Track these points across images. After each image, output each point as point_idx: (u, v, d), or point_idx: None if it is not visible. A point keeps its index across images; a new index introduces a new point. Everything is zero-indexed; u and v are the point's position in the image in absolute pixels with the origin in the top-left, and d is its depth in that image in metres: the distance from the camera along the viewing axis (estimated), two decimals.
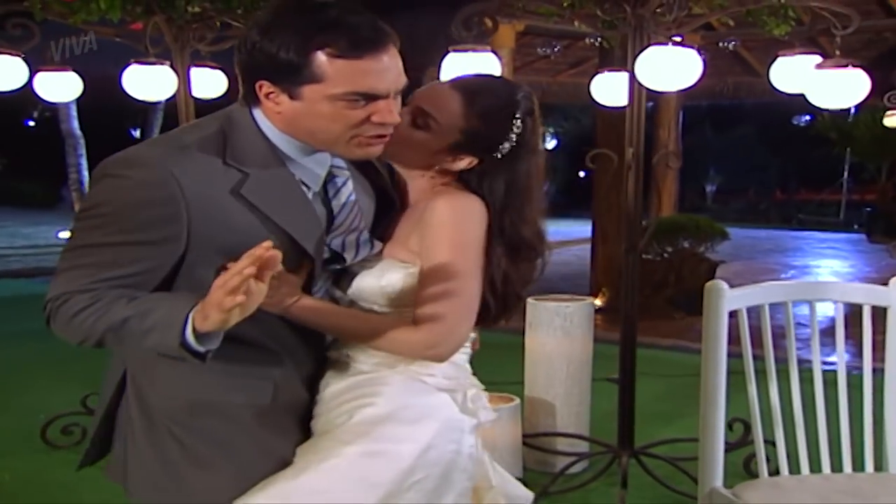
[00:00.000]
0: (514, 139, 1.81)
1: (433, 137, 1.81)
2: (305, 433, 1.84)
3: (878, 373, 2.64)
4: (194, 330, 1.52)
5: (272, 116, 1.70)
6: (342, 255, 1.81)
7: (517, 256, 1.84)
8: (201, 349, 1.55)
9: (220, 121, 1.73)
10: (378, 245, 1.86)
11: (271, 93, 1.65)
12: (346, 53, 1.59)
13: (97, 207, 1.64)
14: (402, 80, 1.69)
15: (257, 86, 1.66)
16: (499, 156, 1.82)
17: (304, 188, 1.77)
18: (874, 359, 2.63)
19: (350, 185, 1.84)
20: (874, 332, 2.63)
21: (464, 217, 1.78)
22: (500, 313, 1.87)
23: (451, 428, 1.82)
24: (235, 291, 1.43)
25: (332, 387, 1.85)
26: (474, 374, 1.95)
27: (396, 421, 1.77)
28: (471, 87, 1.84)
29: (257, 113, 1.72)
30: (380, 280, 1.81)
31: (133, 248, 1.62)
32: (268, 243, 1.45)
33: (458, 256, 1.76)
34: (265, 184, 1.69)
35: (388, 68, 1.64)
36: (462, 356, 1.91)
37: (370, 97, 1.64)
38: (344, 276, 1.86)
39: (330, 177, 1.80)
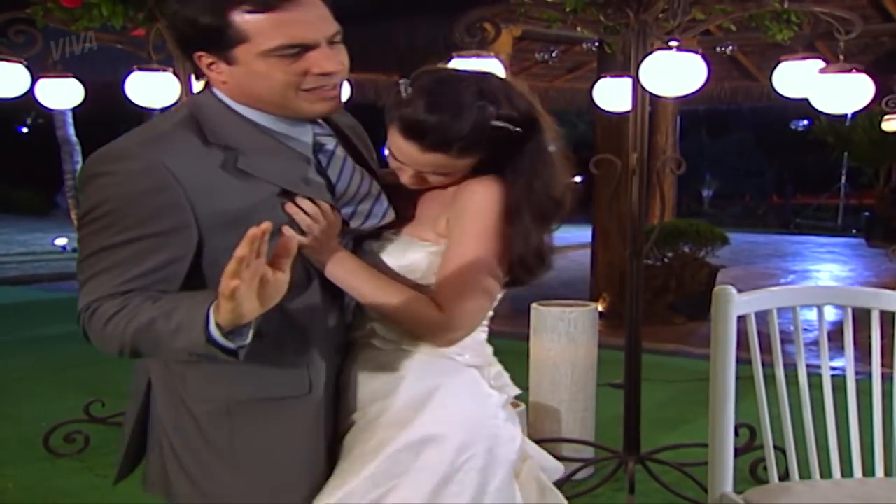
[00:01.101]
0: (508, 125, 1.77)
1: (452, 169, 1.81)
2: (341, 418, 1.85)
3: (887, 378, 2.64)
4: (219, 325, 1.46)
5: (222, 88, 1.68)
6: (349, 222, 1.79)
7: (546, 219, 1.83)
8: (231, 345, 1.49)
9: (188, 107, 1.71)
10: (391, 211, 1.85)
11: (211, 63, 1.64)
12: (262, 7, 1.57)
13: (95, 210, 1.60)
14: (332, 28, 1.65)
15: (196, 58, 1.64)
16: (513, 138, 1.79)
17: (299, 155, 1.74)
18: (882, 364, 2.63)
19: (341, 149, 1.81)
20: (881, 337, 2.63)
21: (495, 204, 1.78)
22: (532, 275, 1.86)
23: (487, 404, 1.84)
24: (234, 275, 1.38)
25: (361, 368, 1.86)
26: None
27: (434, 403, 1.78)
28: (438, 139, 1.75)
29: (216, 91, 1.70)
30: (401, 259, 1.82)
31: (145, 241, 1.58)
32: (266, 224, 1.39)
33: (488, 244, 1.77)
34: (255, 153, 1.66)
35: (310, 17, 1.62)
36: (482, 334, 1.92)
37: (301, 47, 1.61)
38: (365, 254, 1.85)
39: (318, 145, 1.78)
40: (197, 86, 4.26)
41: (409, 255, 1.82)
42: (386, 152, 1.85)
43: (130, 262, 1.58)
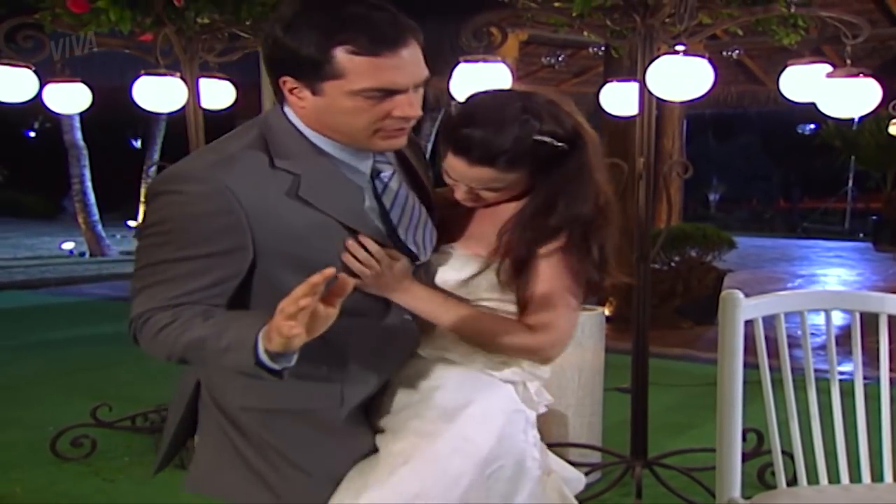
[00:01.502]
0: (551, 140, 1.84)
1: (510, 183, 1.88)
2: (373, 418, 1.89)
3: (895, 383, 2.63)
4: (267, 349, 1.52)
5: (298, 112, 1.73)
6: (415, 253, 1.85)
7: (595, 233, 1.89)
8: (277, 367, 1.55)
9: (259, 126, 1.76)
10: (435, 235, 1.92)
11: (294, 88, 1.68)
12: (366, 51, 1.61)
13: (159, 225, 1.66)
14: (423, 73, 1.70)
15: (281, 81, 1.69)
16: (560, 154, 1.86)
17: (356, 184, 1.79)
18: (890, 368, 2.62)
19: (397, 178, 1.86)
20: (889, 342, 2.62)
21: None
22: (597, 287, 1.94)
23: (517, 419, 1.90)
24: (293, 318, 1.43)
25: (400, 373, 1.92)
26: None
27: (466, 416, 1.83)
28: (485, 153, 1.83)
29: (291, 113, 1.75)
30: (460, 273, 1.89)
31: (202, 261, 1.64)
32: (329, 270, 1.45)
33: (564, 262, 1.85)
34: (317, 181, 1.71)
35: (406, 63, 1.65)
36: None
37: (390, 92, 1.65)
38: (421, 272, 1.90)
39: (375, 172, 1.82)
40: (204, 91, 4.29)
41: (467, 270, 1.89)
42: (443, 171, 1.93)
43: (186, 278, 1.64)
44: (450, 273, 1.90)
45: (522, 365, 1.96)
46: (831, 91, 3.64)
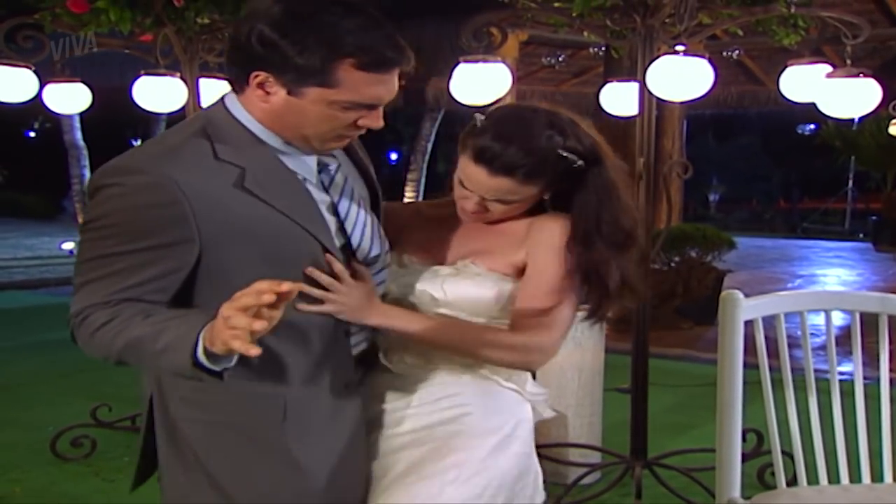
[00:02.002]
0: (572, 156, 1.87)
1: (522, 198, 1.91)
2: (329, 439, 1.84)
3: (895, 383, 2.63)
4: (206, 350, 1.49)
5: (254, 106, 1.69)
6: (359, 249, 1.83)
7: (622, 249, 1.91)
8: (216, 368, 1.52)
9: (201, 121, 1.73)
10: (386, 241, 1.92)
11: (266, 83, 1.64)
12: (368, 68, 1.61)
13: (100, 219, 1.62)
14: (395, 91, 1.72)
15: (253, 74, 1.64)
16: (575, 172, 1.89)
17: (302, 179, 1.77)
18: (890, 369, 2.62)
19: (343, 171, 1.85)
20: (889, 342, 2.62)
21: (567, 238, 1.89)
22: (621, 303, 1.98)
23: (530, 428, 1.97)
24: (236, 328, 1.41)
25: (407, 394, 1.93)
26: None
27: (490, 431, 1.88)
28: (508, 164, 1.85)
29: (234, 105, 1.71)
30: (491, 291, 1.90)
31: (144, 253, 1.60)
32: (285, 285, 1.43)
33: (563, 276, 1.87)
34: (262, 174, 1.68)
35: (392, 82, 1.68)
36: None
37: (370, 107, 1.67)
38: (446, 290, 1.91)
39: (322, 165, 1.81)
40: (204, 91, 4.29)
41: (500, 287, 1.90)
42: (454, 182, 1.94)
43: (127, 272, 1.60)
44: (473, 290, 1.90)
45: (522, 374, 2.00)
46: (831, 91, 3.64)
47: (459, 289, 1.89)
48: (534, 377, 2.06)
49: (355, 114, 1.67)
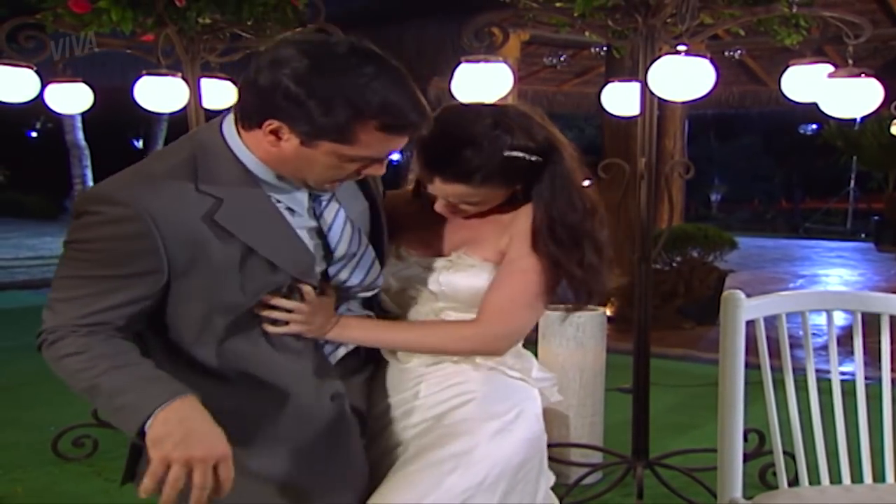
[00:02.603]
0: (523, 154, 1.87)
1: (486, 197, 1.91)
2: (298, 444, 1.84)
3: None
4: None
5: (258, 147, 1.68)
6: (345, 284, 1.86)
7: (578, 239, 1.92)
8: None
9: (191, 145, 1.74)
10: (376, 268, 1.92)
11: (279, 131, 1.62)
12: (389, 131, 1.62)
13: (79, 243, 1.70)
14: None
15: (267, 122, 1.62)
16: (534, 166, 1.89)
17: (289, 213, 1.77)
18: (892, 369, 2.61)
19: (335, 203, 1.83)
20: (890, 342, 2.62)
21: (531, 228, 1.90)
22: (588, 295, 1.98)
23: (541, 417, 1.98)
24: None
25: (414, 386, 1.95)
26: None
27: (491, 417, 1.88)
28: (456, 172, 1.86)
29: (232, 136, 1.71)
30: (486, 281, 1.91)
31: (116, 280, 1.67)
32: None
33: (531, 264, 1.88)
34: (240, 209, 1.69)
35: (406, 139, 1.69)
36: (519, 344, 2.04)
37: (379, 160, 1.69)
38: (443, 282, 1.93)
39: (314, 196, 1.81)
40: (205, 91, 4.29)
41: (491, 277, 1.92)
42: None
43: (99, 297, 1.67)
44: (469, 280, 1.92)
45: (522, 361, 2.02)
46: (833, 91, 3.63)
47: (455, 281, 1.90)
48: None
49: (362, 165, 1.69)
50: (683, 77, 3.46)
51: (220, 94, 4.62)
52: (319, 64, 1.57)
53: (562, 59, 9.83)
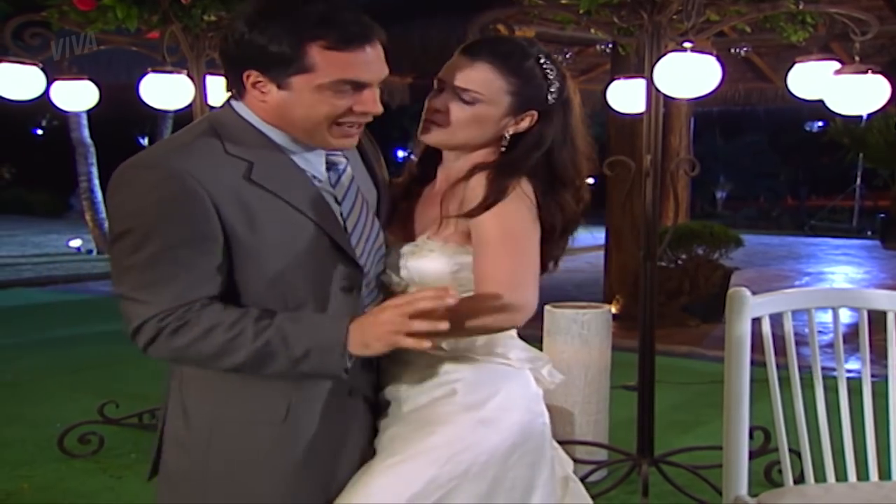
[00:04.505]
0: (555, 86, 1.89)
1: (487, 108, 1.87)
2: (329, 441, 1.83)
3: None
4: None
5: (256, 107, 1.74)
6: (357, 255, 1.83)
7: (568, 188, 1.91)
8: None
9: (209, 120, 1.78)
10: (384, 250, 1.91)
11: (259, 82, 1.70)
12: (337, 46, 1.65)
13: (127, 221, 1.65)
14: (385, 72, 1.74)
15: (245, 75, 1.70)
16: (549, 104, 1.90)
17: (310, 176, 1.80)
18: None
19: (349, 172, 1.87)
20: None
21: (518, 196, 1.84)
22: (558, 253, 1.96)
23: (537, 404, 1.93)
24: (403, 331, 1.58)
25: (413, 369, 1.91)
26: None
27: (492, 407, 1.85)
28: (494, 51, 1.88)
29: (240, 107, 1.76)
30: (447, 265, 1.86)
31: (184, 248, 1.64)
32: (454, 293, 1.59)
33: (512, 223, 1.82)
34: (270, 169, 1.73)
35: (372, 60, 1.71)
36: (513, 331, 1.99)
37: (356, 85, 1.70)
38: (407, 269, 1.89)
39: (331, 164, 1.84)
40: (211, 88, 4.29)
41: (457, 259, 1.86)
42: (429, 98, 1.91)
43: (179, 271, 1.64)
44: (433, 264, 1.86)
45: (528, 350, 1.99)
46: (839, 88, 3.62)
47: (419, 266, 1.86)
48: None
49: (347, 99, 1.70)
50: (689, 74, 3.46)
51: (225, 91, 4.62)
52: (261, 5, 1.68)
53: (567, 56, 9.82)
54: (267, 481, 1.77)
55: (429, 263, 1.87)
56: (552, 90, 1.89)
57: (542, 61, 1.89)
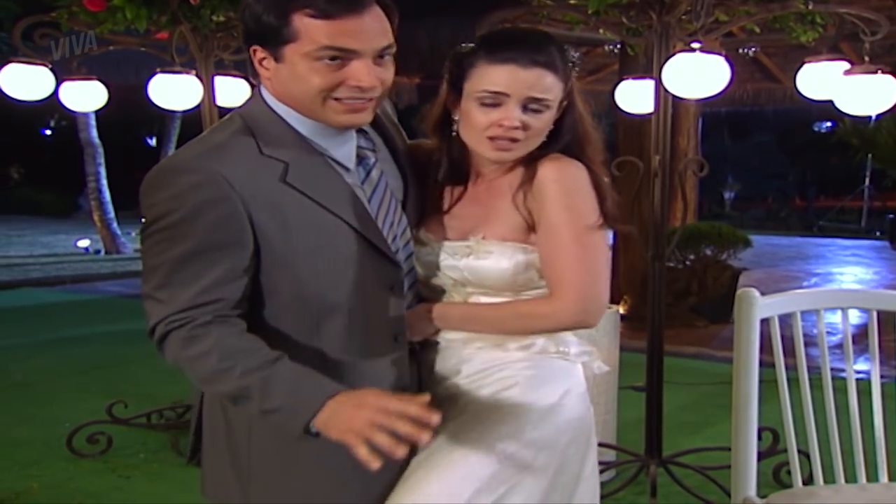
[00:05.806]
0: (574, 63, 1.91)
1: (552, 109, 1.87)
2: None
3: None
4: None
5: (269, 87, 1.74)
6: (389, 248, 1.81)
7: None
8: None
9: (241, 115, 1.76)
10: (412, 245, 1.90)
11: (263, 58, 1.70)
12: (321, 14, 1.63)
13: (157, 223, 1.64)
14: (383, 41, 1.69)
15: (252, 52, 1.71)
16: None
17: (344, 171, 1.78)
18: None
19: (378, 167, 1.86)
20: None
21: (573, 178, 1.84)
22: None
23: (587, 399, 1.96)
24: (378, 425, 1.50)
25: (470, 363, 1.91)
26: None
27: (536, 402, 1.85)
28: (539, 51, 1.84)
29: (268, 96, 1.75)
30: (508, 264, 1.85)
31: (211, 253, 1.63)
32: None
33: (580, 218, 1.81)
34: (306, 169, 1.71)
35: (364, 28, 1.66)
36: None
37: (344, 52, 1.65)
38: (467, 270, 1.88)
39: (360, 158, 1.82)
40: (219, 89, 4.30)
41: (516, 258, 1.85)
42: (473, 111, 1.85)
43: (201, 273, 1.63)
44: (489, 263, 1.85)
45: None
46: (849, 88, 3.61)
47: (476, 266, 1.85)
48: None
49: (338, 71, 1.66)
50: (698, 74, 3.46)
51: (233, 91, 4.63)
52: None
53: (576, 56, 9.81)
54: (310, 479, 1.77)
55: (488, 264, 1.85)
56: (576, 69, 1.91)
57: (560, 45, 1.89)
